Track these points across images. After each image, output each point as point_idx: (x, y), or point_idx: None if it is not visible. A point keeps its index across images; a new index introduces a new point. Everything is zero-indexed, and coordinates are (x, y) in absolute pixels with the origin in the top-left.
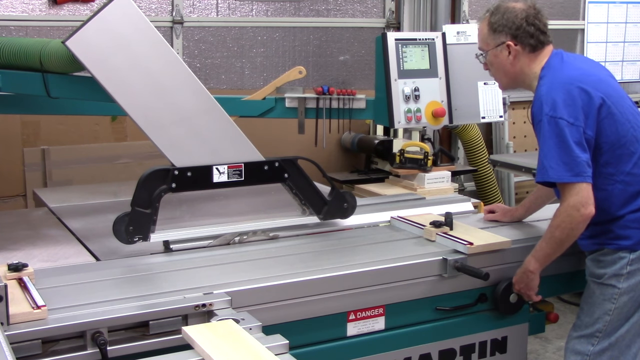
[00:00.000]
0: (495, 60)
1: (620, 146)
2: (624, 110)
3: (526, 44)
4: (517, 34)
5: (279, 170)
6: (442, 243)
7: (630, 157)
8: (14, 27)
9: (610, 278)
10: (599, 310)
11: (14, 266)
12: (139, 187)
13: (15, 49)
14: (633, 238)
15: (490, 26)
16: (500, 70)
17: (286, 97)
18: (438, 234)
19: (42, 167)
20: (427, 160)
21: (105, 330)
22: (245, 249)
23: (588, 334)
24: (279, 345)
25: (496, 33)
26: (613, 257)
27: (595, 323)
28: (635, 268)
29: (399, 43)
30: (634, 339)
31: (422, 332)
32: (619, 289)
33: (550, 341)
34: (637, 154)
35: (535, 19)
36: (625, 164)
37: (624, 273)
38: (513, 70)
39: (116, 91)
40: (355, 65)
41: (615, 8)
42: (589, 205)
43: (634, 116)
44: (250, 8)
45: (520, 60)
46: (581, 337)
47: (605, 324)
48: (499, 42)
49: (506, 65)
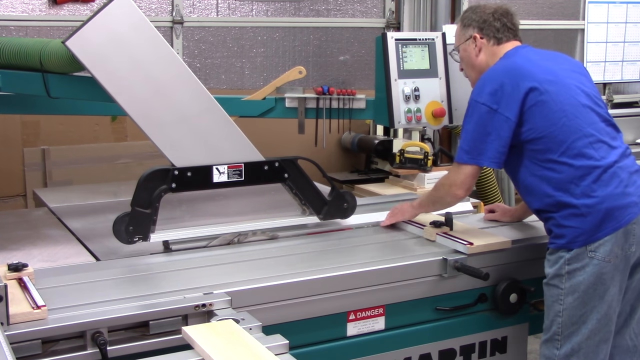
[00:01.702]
0: (464, 54)
1: (549, 134)
2: (563, 101)
3: (491, 36)
4: (483, 26)
5: (279, 170)
6: (442, 243)
7: (558, 146)
8: (14, 27)
9: (553, 278)
10: (552, 312)
11: (14, 266)
12: (139, 187)
13: (15, 49)
14: (567, 236)
15: (462, 22)
16: (469, 65)
17: (286, 97)
18: (438, 234)
19: (42, 167)
20: (427, 160)
21: (105, 330)
22: (245, 249)
23: (549, 337)
24: (279, 345)
25: (465, 27)
26: (555, 257)
27: (551, 325)
28: (573, 268)
29: (399, 43)
30: (599, 346)
31: (422, 332)
32: (561, 289)
33: None
34: (566, 143)
35: (503, 16)
36: (553, 152)
37: (563, 273)
38: (478, 63)
39: (116, 91)
40: (355, 65)
41: (615, 8)
42: (460, 188)
43: (575, 108)
44: (250, 8)
45: (484, 53)
46: (546, 341)
47: (559, 326)
48: (468, 36)
49: (472, 58)
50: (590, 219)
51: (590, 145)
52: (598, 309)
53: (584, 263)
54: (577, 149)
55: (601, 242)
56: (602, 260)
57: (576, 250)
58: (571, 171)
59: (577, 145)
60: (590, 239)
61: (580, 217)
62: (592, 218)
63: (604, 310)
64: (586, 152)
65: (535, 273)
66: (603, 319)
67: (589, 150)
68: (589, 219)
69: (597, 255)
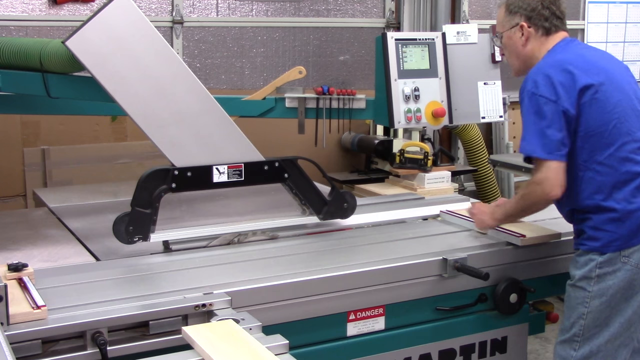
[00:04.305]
0: (508, 42)
1: (598, 134)
2: (616, 101)
3: (539, 26)
4: (531, 15)
5: (279, 170)
6: (495, 236)
7: (606, 148)
8: (14, 27)
9: (581, 280)
10: (575, 314)
11: (14, 266)
12: (139, 187)
13: (15, 49)
14: (602, 240)
15: (507, 8)
16: (513, 53)
17: (286, 97)
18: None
19: (42, 167)
20: (427, 160)
21: (105, 330)
22: (245, 249)
23: (568, 338)
24: (279, 345)
25: (511, 14)
26: (585, 259)
27: (572, 327)
28: (604, 272)
29: (399, 43)
30: (619, 350)
31: (422, 332)
32: (589, 292)
33: (550, 341)
34: (614, 146)
35: (552, 4)
36: (600, 154)
37: (593, 276)
38: (524, 53)
39: (116, 91)
40: (355, 65)
41: (615, 8)
42: (554, 186)
43: (628, 111)
44: (250, 8)
45: (531, 43)
46: (563, 342)
47: (581, 328)
48: (514, 24)
49: (518, 47)
50: (628, 224)
51: (639, 150)
52: (622, 313)
53: (616, 268)
54: (624, 153)
55: (636, 248)
56: (634, 266)
57: (609, 255)
58: (616, 175)
59: (625, 148)
60: (626, 244)
61: (617, 222)
62: (630, 224)
63: (628, 315)
64: (633, 157)
65: (536, 273)
66: (625, 324)
67: (636, 156)
68: (627, 225)
69: (630, 261)
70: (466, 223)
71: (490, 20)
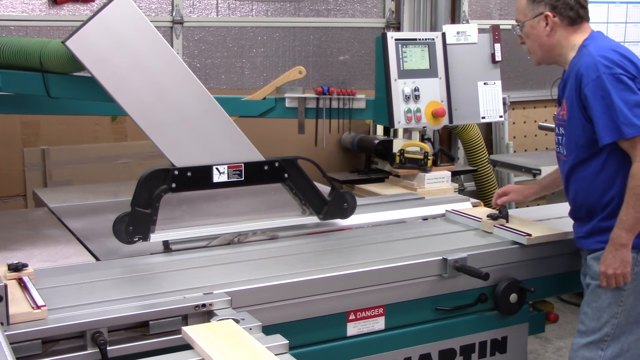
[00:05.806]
0: (531, 31)
1: None
2: None
3: (565, 16)
4: (556, 4)
5: (279, 170)
6: (500, 235)
7: None
8: (14, 27)
9: None
10: (606, 314)
11: (14, 266)
12: (139, 187)
13: (15, 49)
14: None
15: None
16: (536, 43)
17: (286, 97)
18: (495, 226)
19: (42, 167)
20: (427, 160)
21: (105, 330)
22: (245, 249)
23: (597, 339)
24: (279, 345)
25: (535, 3)
26: None
27: (603, 327)
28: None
29: (399, 43)
30: None
31: (422, 332)
32: (624, 290)
33: (550, 341)
34: None
35: None
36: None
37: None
38: (549, 43)
39: (116, 91)
40: (355, 65)
41: (615, 8)
42: None
43: None
44: (250, 8)
45: (557, 33)
46: (590, 344)
47: (613, 327)
48: (537, 13)
49: (542, 37)
50: None
51: None
52: None
53: None
54: None
55: None
56: None
57: None
58: None
59: None
60: None
61: None
62: None
63: None
64: None
65: (536, 273)
66: None
67: None
68: None
69: None
70: (470, 222)
71: (490, 20)
